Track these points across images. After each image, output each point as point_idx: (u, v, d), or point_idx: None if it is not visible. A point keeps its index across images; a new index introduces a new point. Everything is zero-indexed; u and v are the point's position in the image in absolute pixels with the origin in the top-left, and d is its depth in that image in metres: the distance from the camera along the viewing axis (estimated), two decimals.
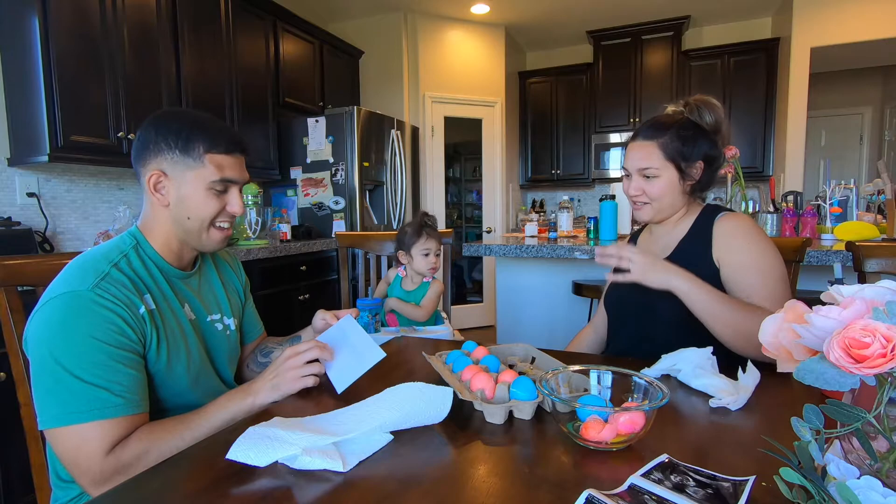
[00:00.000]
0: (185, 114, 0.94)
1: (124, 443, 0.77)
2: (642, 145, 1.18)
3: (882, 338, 0.41)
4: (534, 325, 2.75)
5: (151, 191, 0.91)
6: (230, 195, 0.95)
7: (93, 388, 0.76)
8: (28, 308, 0.94)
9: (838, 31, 3.82)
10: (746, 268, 1.08)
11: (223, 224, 0.96)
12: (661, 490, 0.53)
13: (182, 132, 0.90)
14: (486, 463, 0.63)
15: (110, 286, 0.82)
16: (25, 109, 2.02)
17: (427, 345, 1.21)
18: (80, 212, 2.41)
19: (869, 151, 5.32)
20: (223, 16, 2.82)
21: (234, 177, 0.94)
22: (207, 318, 1.00)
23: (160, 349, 0.86)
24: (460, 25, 4.46)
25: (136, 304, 0.84)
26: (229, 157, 0.93)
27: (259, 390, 0.85)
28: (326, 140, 3.39)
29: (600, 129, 4.84)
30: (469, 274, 5.42)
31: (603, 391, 0.76)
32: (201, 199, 0.91)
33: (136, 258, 0.90)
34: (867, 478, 0.41)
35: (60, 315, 0.77)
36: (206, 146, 0.90)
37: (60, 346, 0.76)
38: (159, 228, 0.93)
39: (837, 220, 2.36)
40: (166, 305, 0.91)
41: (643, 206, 1.20)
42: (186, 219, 0.92)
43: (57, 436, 0.76)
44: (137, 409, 0.80)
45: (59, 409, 0.75)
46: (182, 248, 0.96)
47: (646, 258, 1.05)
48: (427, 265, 1.69)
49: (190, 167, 0.90)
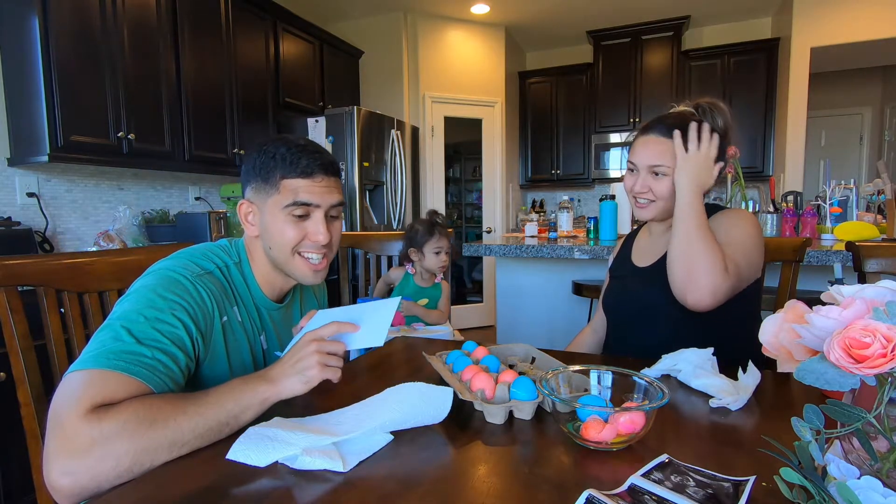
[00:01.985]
0: (274, 140, 0.89)
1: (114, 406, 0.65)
2: (657, 141, 1.14)
3: (882, 338, 0.41)
4: (534, 325, 2.75)
5: (243, 220, 0.91)
6: (311, 221, 0.88)
7: (139, 345, 0.71)
8: (28, 308, 0.94)
9: (838, 31, 3.82)
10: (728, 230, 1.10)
11: (309, 255, 0.90)
12: (662, 490, 0.53)
13: (266, 159, 0.87)
14: (486, 463, 0.63)
15: (209, 282, 0.84)
16: (25, 109, 2.02)
17: (427, 345, 1.21)
18: (80, 212, 2.41)
19: (869, 151, 5.32)
20: (223, 16, 2.82)
21: (311, 199, 0.87)
22: (276, 353, 0.99)
23: (216, 361, 0.84)
24: (460, 25, 4.45)
25: (223, 310, 0.85)
26: (307, 181, 0.87)
27: (279, 378, 0.73)
28: (326, 140, 3.39)
29: (600, 129, 4.84)
30: (469, 274, 5.42)
31: (603, 391, 0.76)
32: (279, 226, 0.87)
33: (238, 273, 0.91)
34: (867, 478, 0.41)
35: (153, 282, 0.78)
36: (282, 171, 0.86)
37: (135, 303, 0.75)
38: (257, 256, 0.93)
39: (837, 220, 2.36)
40: (245, 328, 0.91)
41: (648, 205, 1.17)
42: (269, 248, 0.90)
43: (66, 380, 0.68)
44: (160, 388, 0.71)
45: (91, 355, 0.69)
46: (276, 279, 0.94)
47: (688, 161, 1.09)
48: (438, 263, 1.69)
49: (269, 194, 0.87)
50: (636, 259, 1.28)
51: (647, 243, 1.28)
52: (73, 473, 0.61)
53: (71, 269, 1.00)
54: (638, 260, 1.27)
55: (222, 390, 0.71)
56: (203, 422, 0.67)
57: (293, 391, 0.73)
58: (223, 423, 0.69)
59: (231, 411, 0.69)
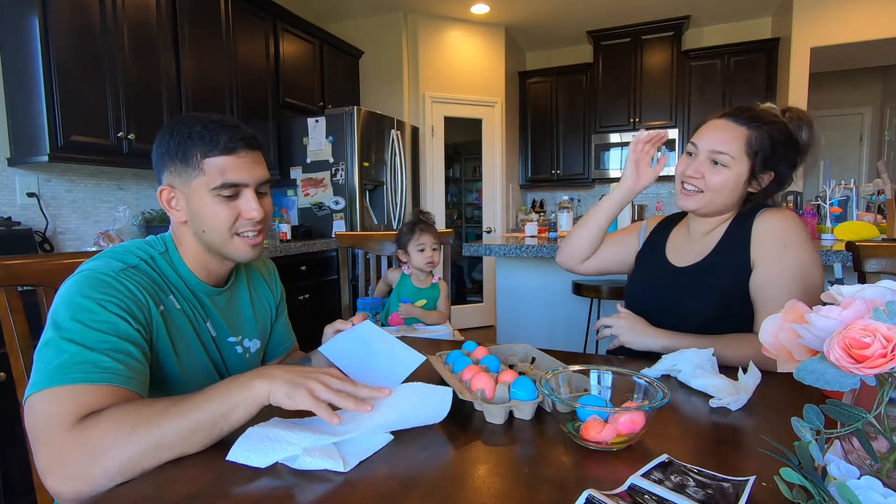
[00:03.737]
0: (185, 119, 0.85)
1: (96, 414, 0.64)
2: (728, 126, 1.05)
3: (882, 338, 0.41)
4: (534, 325, 2.75)
5: (166, 207, 0.87)
6: (242, 199, 0.86)
7: (88, 351, 0.69)
8: (28, 308, 0.94)
9: (838, 31, 3.82)
10: (773, 276, 1.02)
11: (247, 233, 0.88)
12: (662, 490, 0.53)
13: (181, 140, 0.83)
14: (486, 463, 0.63)
15: (136, 275, 0.80)
16: (25, 109, 2.02)
17: (427, 345, 1.21)
18: (80, 212, 2.41)
19: (869, 151, 5.32)
20: (223, 16, 2.82)
21: (239, 179, 0.84)
22: (228, 339, 0.96)
23: (164, 353, 0.82)
24: (460, 25, 4.45)
25: (158, 300, 0.82)
26: (231, 158, 0.83)
27: (275, 378, 0.68)
28: (326, 140, 3.39)
29: (600, 129, 4.84)
30: (469, 274, 5.42)
31: (603, 391, 0.76)
32: (210, 209, 0.84)
33: (165, 263, 0.88)
34: (867, 478, 0.41)
35: (75, 287, 0.75)
36: (202, 150, 0.82)
37: (64, 311, 0.72)
38: (187, 242, 0.89)
39: (837, 220, 2.36)
40: (187, 315, 0.88)
41: (694, 193, 1.08)
42: (202, 232, 0.86)
43: (31, 404, 0.66)
44: (129, 384, 0.70)
45: (42, 375, 0.67)
46: (211, 262, 0.91)
47: (629, 322, 1.08)
48: (424, 260, 1.70)
49: (192, 176, 0.83)
50: (671, 255, 1.21)
51: (685, 241, 1.20)
52: (70, 480, 0.61)
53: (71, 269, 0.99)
54: (673, 257, 1.20)
55: (208, 389, 0.68)
56: (185, 422, 0.64)
57: (278, 398, 0.67)
58: (209, 423, 0.65)
59: (217, 409, 0.65)
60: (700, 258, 1.13)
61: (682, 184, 1.11)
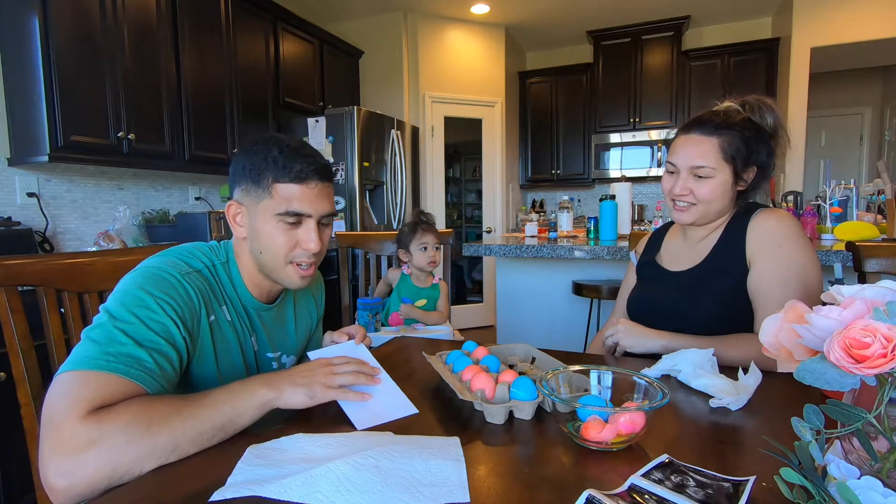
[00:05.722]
0: (266, 140, 0.86)
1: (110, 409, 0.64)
2: (699, 140, 1.08)
3: (882, 338, 0.41)
4: (534, 325, 2.75)
5: (231, 222, 0.89)
6: (303, 229, 0.87)
7: (137, 347, 0.70)
8: (28, 308, 0.94)
9: (838, 31, 3.82)
10: (769, 275, 1.03)
11: (301, 263, 0.89)
12: (662, 490, 0.53)
13: (257, 160, 0.84)
14: (486, 463, 0.63)
15: (198, 279, 0.83)
16: (25, 109, 2.02)
17: (427, 345, 1.21)
18: (80, 212, 2.41)
19: (869, 151, 5.32)
20: (223, 16, 2.82)
21: (304, 209, 0.85)
22: (267, 354, 0.98)
23: (204, 360, 0.84)
24: (460, 25, 4.45)
25: (210, 309, 0.84)
26: (300, 187, 0.84)
27: (283, 385, 0.73)
28: (326, 140, 3.39)
29: (600, 129, 4.84)
30: (469, 274, 5.42)
31: (603, 391, 0.76)
32: (271, 233, 0.85)
33: (224, 273, 0.90)
34: (867, 478, 0.41)
35: (140, 280, 0.77)
36: (274, 174, 0.83)
37: (123, 301, 0.74)
38: (244, 258, 0.91)
39: (837, 220, 2.36)
40: (235, 328, 0.90)
41: (688, 208, 1.11)
42: (259, 252, 0.88)
43: (61, 378, 0.66)
44: (155, 389, 0.71)
45: (84, 356, 0.68)
46: (263, 282, 0.93)
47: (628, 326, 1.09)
48: (426, 259, 1.70)
49: (261, 198, 0.85)
50: (666, 262, 1.23)
51: (681, 247, 1.22)
52: (70, 475, 0.60)
53: (71, 269, 1.00)
54: (669, 263, 1.22)
55: (217, 392, 0.70)
56: (198, 424, 0.65)
57: (295, 402, 0.73)
58: (218, 427, 0.67)
59: (227, 414, 0.68)
60: (698, 262, 1.14)
61: (673, 202, 1.14)
